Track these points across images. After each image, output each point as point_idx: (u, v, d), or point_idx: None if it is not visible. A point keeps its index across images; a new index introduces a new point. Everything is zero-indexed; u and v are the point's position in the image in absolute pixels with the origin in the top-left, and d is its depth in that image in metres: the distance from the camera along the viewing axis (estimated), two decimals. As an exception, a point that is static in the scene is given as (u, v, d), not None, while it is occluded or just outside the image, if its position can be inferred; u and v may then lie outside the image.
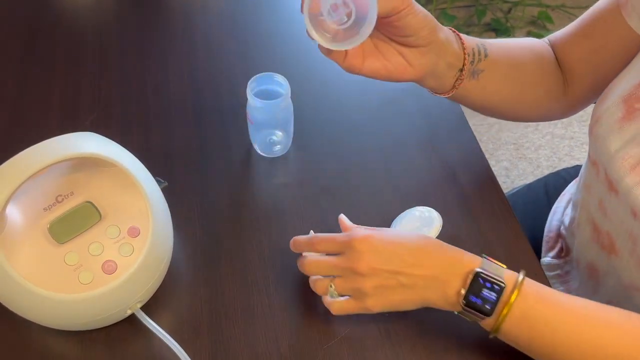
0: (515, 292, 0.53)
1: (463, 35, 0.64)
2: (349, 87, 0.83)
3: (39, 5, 0.95)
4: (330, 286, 0.58)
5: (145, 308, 0.59)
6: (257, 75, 0.70)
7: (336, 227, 0.63)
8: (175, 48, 0.88)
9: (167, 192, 0.64)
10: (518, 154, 1.73)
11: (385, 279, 0.56)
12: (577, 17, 0.73)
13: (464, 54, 0.63)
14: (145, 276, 0.57)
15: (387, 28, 0.57)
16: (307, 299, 0.63)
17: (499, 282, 0.53)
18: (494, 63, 0.66)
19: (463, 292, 0.53)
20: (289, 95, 0.70)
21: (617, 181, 0.59)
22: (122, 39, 0.90)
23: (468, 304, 0.53)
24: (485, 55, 0.66)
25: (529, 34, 2.03)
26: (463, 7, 2.11)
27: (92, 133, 0.58)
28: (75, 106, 0.80)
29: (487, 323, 0.55)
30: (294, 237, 0.62)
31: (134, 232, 0.56)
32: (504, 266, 0.55)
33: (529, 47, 0.71)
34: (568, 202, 0.79)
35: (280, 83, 0.71)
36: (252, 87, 0.70)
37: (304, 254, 0.61)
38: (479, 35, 2.01)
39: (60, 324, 0.57)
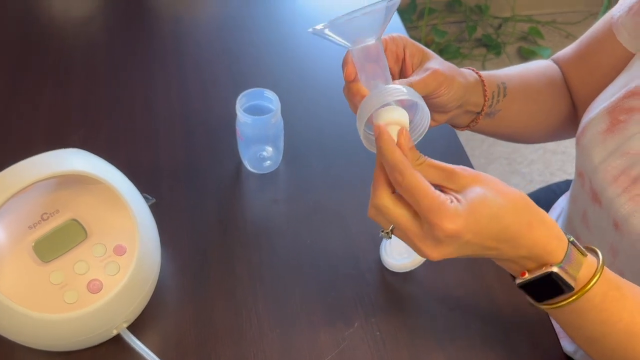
0: (581, 293, 0.48)
1: (486, 78, 0.64)
2: (339, 102, 0.82)
3: (27, 20, 0.94)
4: (388, 233, 0.50)
5: (132, 328, 0.58)
6: (247, 90, 0.70)
7: (329, 244, 0.62)
8: (165, 64, 0.88)
9: (155, 209, 0.63)
10: (510, 169, 1.73)
11: (456, 255, 0.48)
12: (567, 32, 0.75)
13: (485, 100, 0.64)
14: (131, 295, 0.56)
15: (425, 99, 0.56)
16: (297, 318, 0.62)
17: (568, 286, 0.48)
18: (511, 101, 0.67)
19: (527, 277, 0.48)
20: (279, 110, 0.70)
21: (601, 192, 0.59)
22: (111, 54, 0.89)
23: (524, 286, 0.49)
24: (504, 95, 0.66)
25: (520, 50, 2.05)
26: (454, 23, 2.12)
27: (78, 150, 0.57)
28: (63, 122, 0.79)
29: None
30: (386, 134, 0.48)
31: (120, 251, 0.55)
32: (586, 255, 0.49)
33: (544, 74, 0.72)
34: (558, 216, 0.80)
35: (270, 99, 0.70)
36: (241, 102, 0.69)
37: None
38: (470, 51, 2.03)
39: (45, 345, 0.56)
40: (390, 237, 0.50)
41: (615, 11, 0.66)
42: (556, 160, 1.76)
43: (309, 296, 0.63)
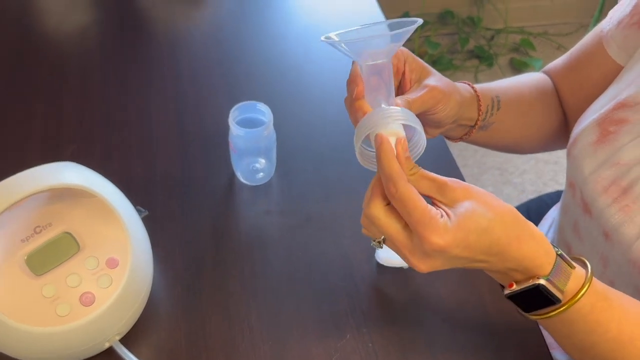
0: (569, 304, 0.48)
1: (481, 92, 0.65)
2: (331, 114, 0.83)
3: (21, 34, 0.95)
4: (379, 242, 0.50)
5: (124, 340, 0.58)
6: (240, 104, 0.70)
7: (321, 256, 0.62)
8: (159, 76, 0.89)
9: (148, 221, 0.64)
10: (503, 179, 1.74)
11: (445, 267, 0.49)
12: (558, 44, 0.76)
13: (479, 114, 0.65)
14: (124, 308, 0.56)
15: (421, 114, 0.58)
16: (290, 330, 0.62)
17: (555, 299, 0.48)
18: (504, 114, 0.68)
19: (515, 287, 0.49)
20: (272, 123, 0.70)
21: (591, 202, 0.60)
22: (105, 67, 0.90)
23: (512, 297, 0.50)
24: (498, 108, 0.67)
25: (512, 61, 2.07)
26: (447, 35, 2.14)
27: (71, 163, 0.57)
28: (56, 135, 0.80)
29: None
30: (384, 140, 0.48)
31: (112, 263, 0.55)
32: (574, 268, 0.49)
33: (536, 87, 0.73)
34: (550, 226, 0.80)
35: (262, 111, 0.71)
36: (234, 115, 0.70)
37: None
38: (462, 62, 2.05)
39: (36, 358, 0.56)
40: (381, 247, 0.51)
41: (605, 24, 0.67)
42: (548, 170, 1.77)
43: (301, 307, 0.64)
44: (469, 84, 0.65)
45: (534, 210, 0.90)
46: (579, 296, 0.48)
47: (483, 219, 0.47)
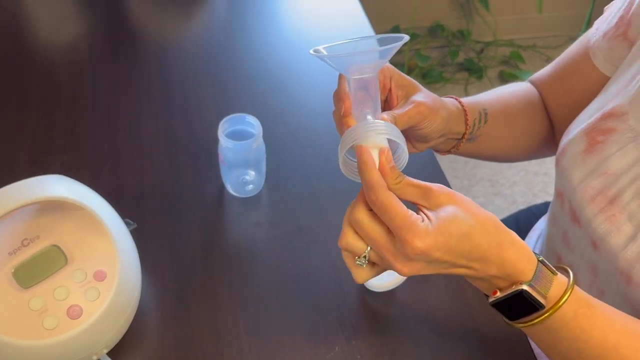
0: (552, 310, 0.49)
1: (468, 107, 0.65)
2: (321, 126, 0.84)
3: (12, 46, 0.95)
4: (364, 256, 0.51)
5: (112, 353, 0.58)
6: (229, 116, 0.71)
7: (311, 268, 0.62)
8: (149, 88, 0.89)
9: (137, 234, 0.64)
10: (493, 190, 1.75)
11: (427, 271, 0.50)
12: (547, 56, 0.77)
13: (466, 128, 0.65)
14: (111, 321, 0.56)
15: (406, 130, 0.59)
16: (279, 342, 0.62)
17: (539, 304, 0.49)
18: (491, 126, 0.69)
19: (498, 295, 0.50)
20: (261, 135, 0.71)
21: (579, 212, 0.60)
22: (96, 80, 0.90)
23: (496, 305, 0.50)
24: (485, 122, 0.68)
25: (502, 73, 2.09)
26: (437, 48, 2.16)
27: (60, 175, 0.57)
28: (46, 148, 0.80)
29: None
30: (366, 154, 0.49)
31: (100, 276, 0.55)
32: (556, 274, 0.50)
33: (523, 98, 0.74)
34: (538, 237, 0.81)
35: (252, 124, 0.71)
36: (224, 128, 0.70)
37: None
38: (452, 75, 2.06)
39: (23, 372, 0.56)
40: (366, 262, 0.51)
41: (591, 35, 0.68)
42: (538, 181, 1.78)
43: (290, 319, 0.64)
44: (456, 99, 0.66)
45: (522, 221, 0.90)
46: (561, 302, 0.49)
47: (464, 224, 0.48)
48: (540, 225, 0.84)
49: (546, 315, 0.49)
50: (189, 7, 1.04)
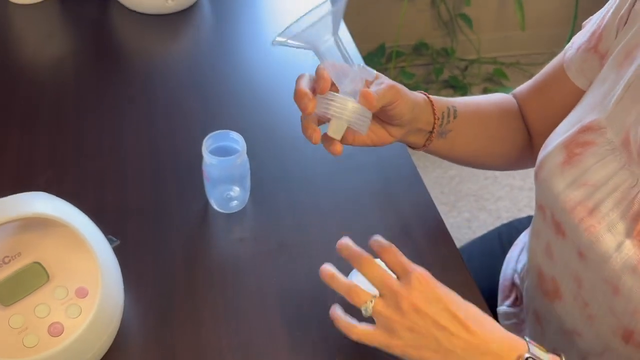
0: None
1: (435, 100, 0.69)
2: (304, 143, 0.84)
3: (-3, 64, 0.95)
4: (371, 301, 0.54)
5: (94, 371, 0.57)
6: (213, 132, 0.71)
7: (295, 284, 0.62)
8: (133, 106, 0.89)
9: (120, 251, 0.64)
10: (478, 205, 1.76)
11: (424, 327, 0.52)
12: (530, 73, 0.80)
13: (434, 119, 0.69)
14: (93, 338, 0.55)
15: (380, 113, 0.64)
16: (262, 359, 0.62)
17: None
18: (462, 123, 0.71)
19: None
20: (245, 151, 0.71)
21: (564, 222, 0.61)
22: (80, 96, 0.90)
23: None
24: (455, 117, 0.70)
25: (486, 90, 2.11)
26: (421, 65, 2.18)
27: (42, 192, 0.57)
28: (30, 164, 0.79)
29: None
30: (344, 242, 0.59)
31: (82, 293, 0.55)
32: (545, 350, 0.53)
33: (496, 104, 0.76)
34: (521, 251, 0.81)
35: (236, 140, 0.72)
36: (207, 144, 0.71)
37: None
38: (437, 92, 2.09)
39: (3, 391, 0.55)
40: (371, 310, 0.55)
41: (567, 49, 0.71)
42: (523, 197, 1.80)
43: (274, 336, 0.64)
44: (422, 92, 0.70)
45: (505, 235, 0.91)
46: None
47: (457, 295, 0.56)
48: (523, 239, 0.84)
49: None
50: (174, 25, 1.05)
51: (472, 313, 0.54)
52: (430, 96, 0.70)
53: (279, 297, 0.67)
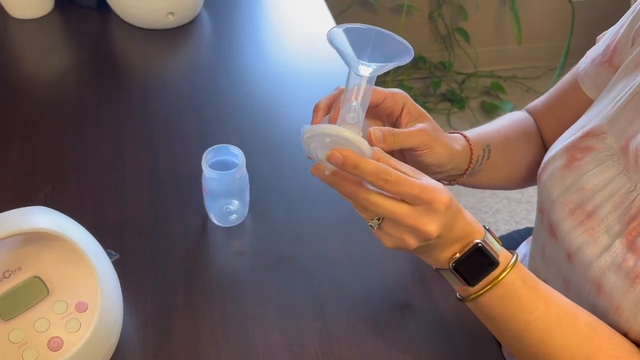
0: (506, 272, 0.53)
1: (473, 143, 0.67)
2: (303, 156, 0.85)
3: (-2, 79, 0.96)
4: (378, 219, 0.52)
5: (93, 386, 0.57)
6: (213, 146, 0.72)
7: (293, 297, 0.62)
8: (133, 121, 0.90)
9: (120, 264, 0.64)
10: (477, 218, 1.76)
11: (445, 229, 0.52)
12: (527, 86, 0.80)
13: (470, 163, 0.67)
14: (92, 352, 0.55)
15: (415, 163, 0.61)
16: (261, 371, 0.62)
17: (493, 259, 0.53)
18: (493, 160, 0.70)
19: (458, 256, 0.53)
20: (244, 165, 0.72)
21: (557, 226, 0.63)
22: (80, 111, 0.91)
23: (457, 267, 0.53)
24: (488, 158, 0.70)
25: (483, 104, 2.13)
26: (419, 79, 2.20)
27: (42, 207, 0.58)
28: (30, 179, 0.80)
29: (464, 290, 0.55)
30: (344, 155, 0.51)
31: (81, 307, 0.55)
32: (501, 242, 0.55)
33: (520, 128, 0.76)
34: (521, 262, 0.82)
35: (235, 154, 0.72)
36: (207, 158, 0.71)
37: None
38: (435, 105, 2.10)
39: (2, 406, 0.55)
40: (378, 227, 0.53)
41: (581, 63, 0.72)
42: (521, 209, 1.80)
43: (272, 350, 0.64)
44: (461, 134, 0.68)
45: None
46: (511, 262, 0.53)
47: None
48: (522, 250, 0.85)
49: (500, 277, 0.53)
50: (173, 40, 1.06)
51: (463, 218, 0.53)
52: (470, 138, 0.67)
53: (278, 310, 0.67)
